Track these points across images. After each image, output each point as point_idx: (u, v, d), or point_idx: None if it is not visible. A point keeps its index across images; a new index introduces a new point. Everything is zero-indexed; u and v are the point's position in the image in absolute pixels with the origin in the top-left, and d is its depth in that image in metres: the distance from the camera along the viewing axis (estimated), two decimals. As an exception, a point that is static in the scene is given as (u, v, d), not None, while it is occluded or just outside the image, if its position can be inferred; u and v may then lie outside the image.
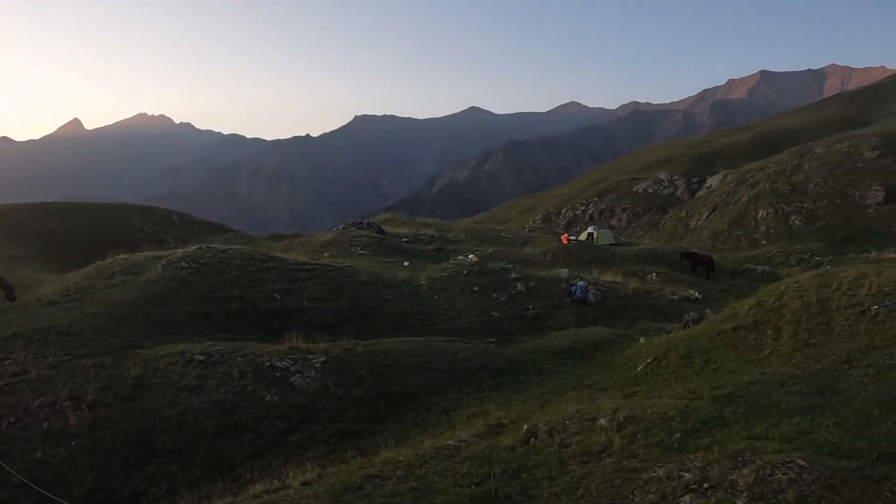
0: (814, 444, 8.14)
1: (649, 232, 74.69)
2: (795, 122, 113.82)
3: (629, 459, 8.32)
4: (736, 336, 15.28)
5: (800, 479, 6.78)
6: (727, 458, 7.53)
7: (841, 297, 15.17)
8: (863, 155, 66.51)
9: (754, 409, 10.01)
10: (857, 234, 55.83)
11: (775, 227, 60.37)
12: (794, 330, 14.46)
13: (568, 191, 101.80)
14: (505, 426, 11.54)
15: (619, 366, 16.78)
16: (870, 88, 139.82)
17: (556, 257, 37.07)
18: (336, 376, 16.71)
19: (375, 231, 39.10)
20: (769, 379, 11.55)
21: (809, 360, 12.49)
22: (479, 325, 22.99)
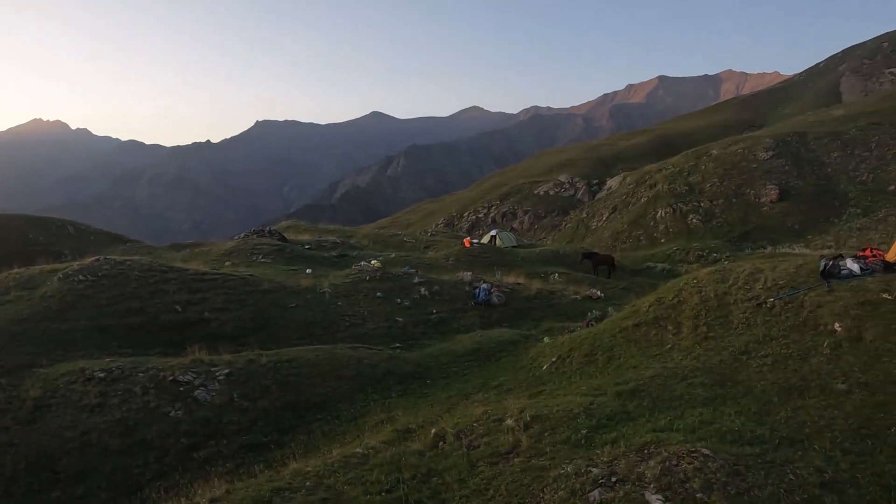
0: (717, 433, 8.56)
1: (551, 233, 78.95)
2: (692, 125, 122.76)
3: (537, 458, 8.51)
4: (638, 332, 16.01)
5: (705, 467, 7.10)
6: (633, 451, 7.80)
7: (738, 291, 16.00)
8: (757, 156, 72.49)
9: (658, 403, 10.47)
10: (753, 231, 61.24)
11: (674, 226, 65.08)
12: (694, 324, 15.19)
13: (470, 195, 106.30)
14: (413, 431, 11.74)
15: (525, 366, 17.44)
16: (764, 93, 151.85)
17: (458, 261, 38.37)
18: (241, 388, 16.99)
19: (277, 239, 40.14)
20: (671, 372, 12.08)
21: (709, 353, 13.17)
22: (383, 331, 23.74)
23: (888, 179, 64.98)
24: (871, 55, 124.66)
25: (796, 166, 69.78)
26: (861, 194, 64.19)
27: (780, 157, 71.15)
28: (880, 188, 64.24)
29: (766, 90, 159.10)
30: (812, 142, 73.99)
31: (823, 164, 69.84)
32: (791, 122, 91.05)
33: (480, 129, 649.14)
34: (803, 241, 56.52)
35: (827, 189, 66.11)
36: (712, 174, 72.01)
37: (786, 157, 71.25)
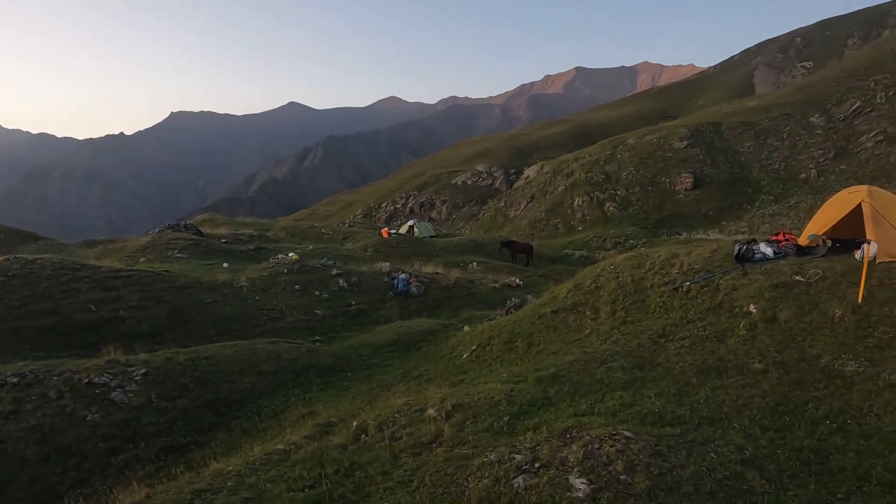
0: (638, 415, 8.71)
1: (469, 223, 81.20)
2: (609, 115, 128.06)
3: (460, 447, 8.50)
4: (556, 318, 16.40)
5: (627, 449, 7.18)
6: (556, 436, 7.84)
7: (654, 276, 16.52)
8: (672, 145, 75.89)
9: (578, 387, 10.63)
10: (668, 218, 64.50)
11: (591, 214, 67.79)
12: (612, 309, 15.59)
13: (388, 185, 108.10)
14: (335, 425, 11.68)
15: (445, 355, 17.74)
16: (679, 84, 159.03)
17: (377, 252, 39.16)
18: (159, 388, 16.82)
19: (193, 233, 40.23)
20: (591, 357, 12.29)
21: (628, 337, 13.51)
22: (302, 324, 24.00)
23: (799, 168, 69.19)
24: (784, 49, 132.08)
25: (710, 155, 73.40)
26: (773, 182, 68.26)
27: (694, 147, 74.63)
28: (792, 176, 68.46)
29: (681, 82, 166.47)
30: (726, 132, 77.78)
31: (737, 154, 73.63)
32: (706, 113, 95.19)
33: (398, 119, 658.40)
34: (717, 227, 59.90)
35: (740, 177, 69.95)
36: (628, 163, 75.02)
37: (700, 146, 74.78)
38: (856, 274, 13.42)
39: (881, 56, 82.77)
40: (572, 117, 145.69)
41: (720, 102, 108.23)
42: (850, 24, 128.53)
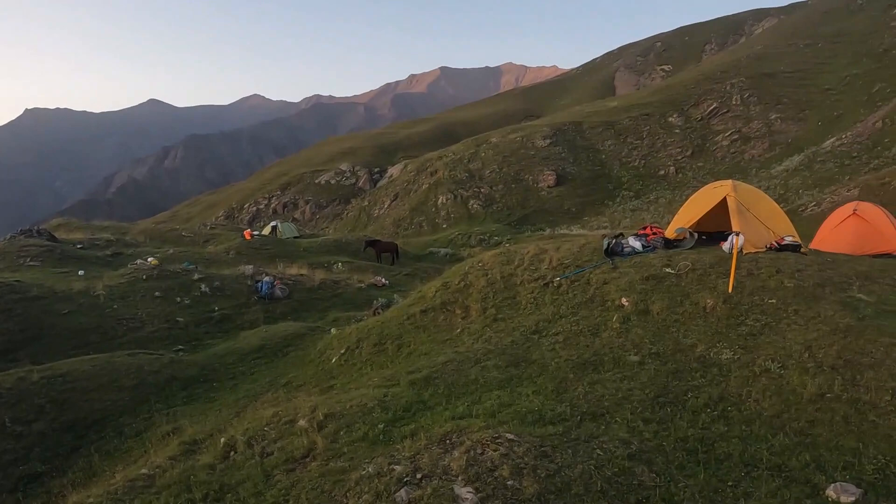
0: (517, 414, 8.54)
1: (333, 223, 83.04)
2: (473, 114, 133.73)
3: (336, 460, 8.04)
4: (426, 318, 16.30)
5: (511, 452, 6.96)
6: (435, 442, 7.56)
7: (524, 272, 16.71)
8: (535, 143, 79.70)
9: (453, 389, 10.41)
10: (532, 215, 68.03)
11: (455, 212, 70.55)
12: (483, 307, 15.59)
13: (250, 185, 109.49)
14: (201, 442, 11.06)
15: (313, 360, 17.46)
16: (542, 85, 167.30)
17: (239, 254, 39.33)
18: (12, 411, 16.07)
19: (47, 238, 38.75)
20: (464, 357, 12.13)
21: (501, 335, 13.46)
22: (164, 333, 23.46)
23: (658, 165, 75.07)
24: (645, 53, 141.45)
25: (572, 153, 77.69)
26: (633, 178, 73.71)
27: (557, 145, 78.77)
28: (651, 173, 74.28)
29: (544, 82, 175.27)
30: (587, 131, 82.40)
31: (598, 151, 78.34)
32: (568, 113, 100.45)
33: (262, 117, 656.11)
34: (580, 222, 63.67)
35: (601, 174, 75.02)
36: (492, 161, 78.40)
37: (563, 144, 79.07)
38: (724, 265, 14.06)
39: (737, 61, 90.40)
40: (436, 116, 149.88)
41: (582, 103, 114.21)
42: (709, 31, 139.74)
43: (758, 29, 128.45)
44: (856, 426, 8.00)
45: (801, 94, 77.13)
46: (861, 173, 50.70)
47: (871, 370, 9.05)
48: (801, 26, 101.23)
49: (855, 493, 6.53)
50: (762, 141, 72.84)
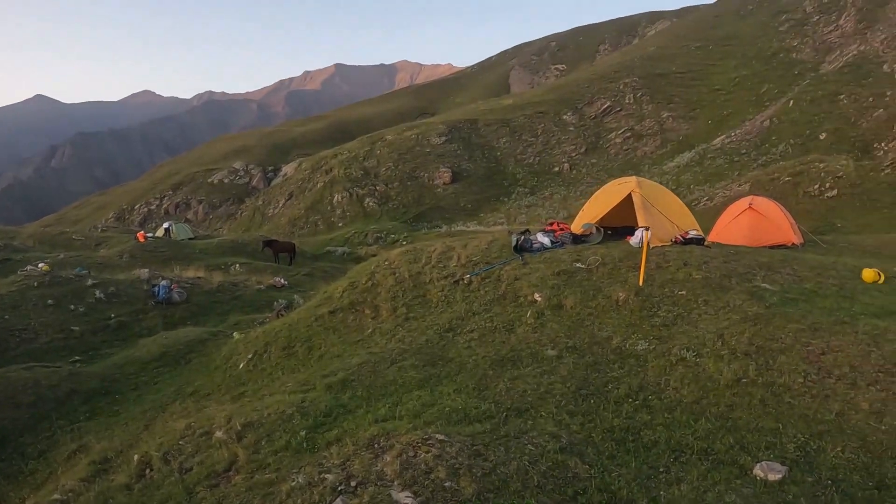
0: (442, 414, 8.54)
1: (227, 223, 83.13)
2: (368, 112, 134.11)
3: (261, 472, 7.76)
4: (335, 319, 16.07)
5: (444, 453, 6.92)
6: (363, 447, 7.43)
7: (432, 270, 16.79)
8: (430, 141, 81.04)
9: (372, 391, 10.30)
10: (428, 212, 69.32)
11: (351, 210, 71.36)
12: (393, 306, 15.53)
13: (142, 185, 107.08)
14: (112, 460, 10.64)
15: (219, 366, 16.95)
16: (437, 82, 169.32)
17: (134, 257, 38.19)
18: None
19: None
20: (379, 358, 12.03)
21: (414, 334, 13.45)
22: (59, 344, 22.74)
23: (552, 162, 77.53)
24: (540, 52, 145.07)
25: (468, 150, 79.37)
26: (528, 175, 75.77)
27: (452, 142, 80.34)
28: (545, 169, 76.57)
29: (439, 80, 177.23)
30: (482, 128, 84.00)
31: (493, 149, 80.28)
32: (463, 110, 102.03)
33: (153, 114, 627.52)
34: (476, 219, 65.16)
35: (497, 171, 76.93)
36: (387, 159, 79.22)
37: (458, 142, 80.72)
38: (632, 259, 14.58)
39: (630, 61, 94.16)
40: (331, 113, 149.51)
41: (477, 101, 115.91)
42: (603, 32, 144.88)
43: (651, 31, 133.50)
44: (773, 408, 8.47)
45: (692, 93, 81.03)
46: (750, 169, 53.81)
47: (783, 355, 9.62)
48: (693, 29, 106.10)
49: (781, 471, 6.90)
50: (654, 138, 76.08)
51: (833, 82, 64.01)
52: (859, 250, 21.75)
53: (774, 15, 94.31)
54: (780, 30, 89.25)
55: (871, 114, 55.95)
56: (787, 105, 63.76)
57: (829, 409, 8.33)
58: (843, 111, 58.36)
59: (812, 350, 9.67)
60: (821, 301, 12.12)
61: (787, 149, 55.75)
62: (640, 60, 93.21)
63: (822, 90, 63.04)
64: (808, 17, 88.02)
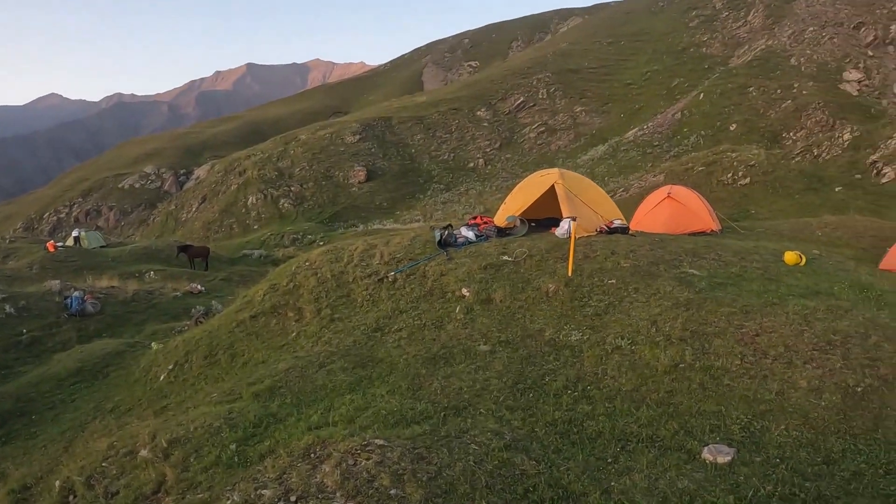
0: (377, 417, 8.29)
1: (140, 229, 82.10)
2: (280, 111, 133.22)
3: (192, 492, 7.27)
4: (257, 324, 15.60)
5: (385, 459, 6.66)
6: (299, 458, 7.07)
7: (355, 269, 16.44)
8: (344, 140, 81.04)
9: (302, 397, 9.97)
10: (343, 211, 69.51)
11: (266, 212, 71.25)
12: (317, 308, 15.13)
13: (50, 193, 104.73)
14: (32, 488, 10.07)
15: (139, 379, 16.28)
16: (350, 81, 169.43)
17: (44, 268, 37.42)
18: None
19: None
20: (306, 362, 11.68)
21: (341, 335, 13.12)
22: None
23: (467, 158, 78.69)
24: (453, 49, 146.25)
25: (382, 148, 79.78)
26: (443, 172, 76.75)
27: (366, 141, 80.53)
28: (460, 165, 77.71)
29: (352, 79, 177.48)
30: (397, 126, 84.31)
31: (408, 146, 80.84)
32: (377, 108, 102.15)
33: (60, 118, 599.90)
34: (393, 217, 65.66)
35: (412, 168, 77.54)
36: (301, 158, 79.02)
37: (372, 140, 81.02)
38: (559, 250, 14.62)
39: (543, 57, 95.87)
40: (243, 114, 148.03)
41: (391, 98, 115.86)
42: (515, 29, 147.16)
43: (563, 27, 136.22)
44: (713, 391, 8.56)
45: (605, 88, 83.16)
46: (663, 160, 55.47)
47: (718, 338, 9.75)
48: (605, 26, 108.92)
49: (729, 453, 6.95)
50: (568, 132, 77.75)
51: (742, 75, 66.51)
52: (776, 235, 22.56)
53: (684, 11, 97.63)
54: (690, 26, 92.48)
55: (779, 105, 58.48)
56: (697, 98, 65.93)
57: (769, 388, 8.45)
58: (752, 103, 60.75)
59: (746, 332, 9.85)
60: (748, 284, 12.41)
61: (699, 140, 57.69)
62: (552, 56, 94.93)
63: (732, 83, 65.38)
64: (718, 13, 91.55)
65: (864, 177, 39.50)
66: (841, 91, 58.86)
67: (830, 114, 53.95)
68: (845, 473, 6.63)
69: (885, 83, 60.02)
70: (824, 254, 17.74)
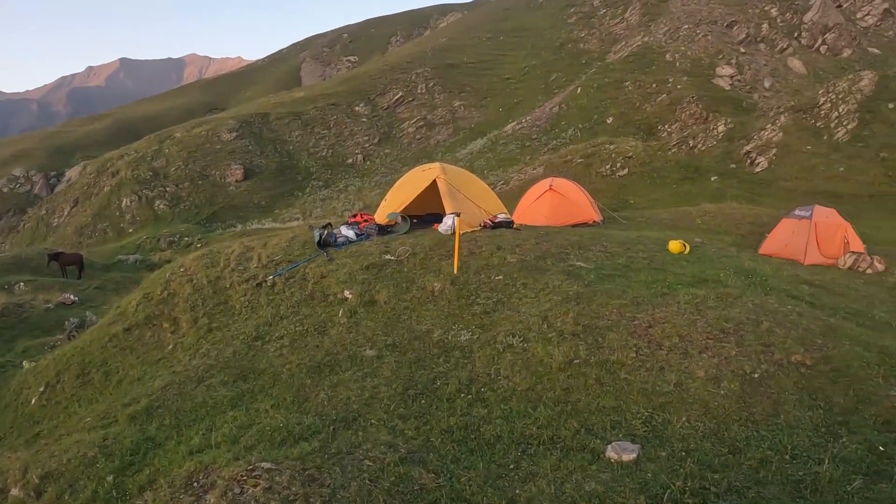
0: (263, 436, 7.81)
1: (9, 237, 78.27)
2: (155, 108, 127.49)
3: None
4: (131, 337, 14.57)
5: (274, 484, 6.16)
6: (181, 489, 6.46)
7: (232, 273, 15.67)
8: (221, 137, 79.17)
9: (181, 417, 9.31)
10: (221, 211, 67.84)
11: (141, 214, 68.54)
12: (193, 317, 14.29)
13: None
14: None
15: (10, 404, 14.90)
16: (227, 76, 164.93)
17: None
18: None
19: None
20: (184, 377, 10.99)
21: (219, 346, 12.45)
22: None
23: (346, 154, 78.24)
24: (332, 44, 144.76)
25: (259, 146, 78.15)
26: (322, 168, 75.98)
27: (243, 138, 78.76)
28: (339, 162, 77.09)
29: (229, 74, 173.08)
30: (274, 122, 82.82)
31: (286, 143, 79.64)
32: (254, 104, 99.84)
33: None
34: (271, 216, 64.50)
35: (290, 165, 76.22)
36: (177, 157, 76.21)
37: (249, 137, 79.34)
38: (443, 247, 14.35)
39: (422, 52, 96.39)
40: (117, 111, 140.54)
41: (268, 94, 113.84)
42: (395, 24, 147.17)
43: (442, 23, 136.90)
44: (611, 386, 8.44)
45: (484, 83, 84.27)
46: (541, 153, 56.54)
47: (611, 332, 9.67)
48: (484, 21, 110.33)
49: (634, 450, 6.83)
50: (447, 127, 78.43)
51: (619, 70, 68.55)
52: (658, 224, 23.20)
53: (563, 8, 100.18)
54: (568, 22, 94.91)
55: (654, 99, 60.79)
56: (575, 92, 67.59)
57: (667, 380, 8.42)
58: (628, 97, 62.81)
59: (639, 324, 9.83)
60: (636, 275, 12.50)
61: (577, 133, 59.20)
62: (432, 51, 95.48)
63: (609, 78, 67.32)
64: (596, 10, 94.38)
65: (739, 166, 41.29)
66: (714, 85, 61.75)
67: (704, 107, 56.61)
68: (752, 462, 6.63)
69: (756, 78, 63.47)
70: (706, 241, 18.25)
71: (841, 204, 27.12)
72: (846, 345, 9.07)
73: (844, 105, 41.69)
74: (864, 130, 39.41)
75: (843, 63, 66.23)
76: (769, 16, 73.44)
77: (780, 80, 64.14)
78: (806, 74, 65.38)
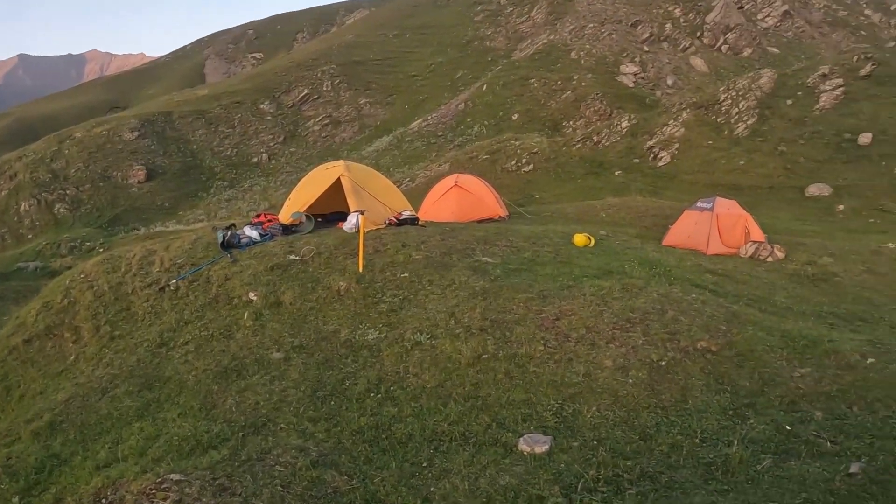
0: (171, 447, 7.57)
1: None
2: (55, 107, 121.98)
3: None
4: (31, 349, 13.89)
5: (184, 496, 5.97)
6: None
7: (134, 278, 15.18)
8: (122, 137, 76.34)
9: (86, 431, 8.93)
10: (124, 214, 65.56)
11: (40, 219, 65.60)
12: (95, 325, 13.74)
13: None
14: None
15: None
16: (129, 73, 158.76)
17: None
18: None
19: None
20: (87, 389, 10.55)
21: (123, 355, 12.00)
22: None
23: (251, 153, 76.64)
24: (237, 41, 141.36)
25: (162, 145, 75.62)
26: (226, 168, 74.17)
27: (145, 138, 76.25)
28: (244, 161, 75.49)
29: (131, 71, 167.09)
30: (177, 121, 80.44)
31: (189, 142, 77.36)
32: (156, 102, 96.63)
33: None
34: (175, 217, 62.58)
35: (193, 165, 74.07)
36: (77, 158, 73.17)
37: (152, 136, 76.68)
38: (348, 245, 14.26)
39: (329, 49, 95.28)
40: (14, 110, 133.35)
41: (171, 92, 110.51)
42: (301, 21, 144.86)
43: (349, 19, 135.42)
44: (520, 379, 8.55)
45: (390, 80, 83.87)
46: (447, 150, 56.84)
47: (518, 325, 9.78)
48: (391, 18, 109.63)
49: (546, 441, 6.93)
50: (352, 124, 77.97)
51: (524, 68, 69.34)
52: (563, 218, 23.57)
53: (470, 6, 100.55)
54: (475, 20, 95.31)
55: (559, 96, 61.77)
56: (480, 89, 68.15)
57: (575, 371, 8.58)
58: (533, 94, 63.62)
59: (546, 317, 9.96)
60: (541, 269, 12.67)
61: (482, 129, 59.71)
62: (338, 48, 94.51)
63: (515, 75, 68.04)
64: (503, 8, 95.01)
65: (642, 161, 42.30)
66: (618, 83, 63.14)
67: (608, 103, 57.93)
68: (663, 447, 6.82)
69: (659, 76, 65.34)
70: (611, 234, 18.66)
71: (741, 195, 28.22)
72: (750, 330, 9.44)
73: (744, 101, 43.14)
74: (763, 126, 40.93)
75: (744, 62, 68.61)
76: (672, 16, 75.51)
77: (682, 77, 66.12)
78: (708, 73, 67.62)
